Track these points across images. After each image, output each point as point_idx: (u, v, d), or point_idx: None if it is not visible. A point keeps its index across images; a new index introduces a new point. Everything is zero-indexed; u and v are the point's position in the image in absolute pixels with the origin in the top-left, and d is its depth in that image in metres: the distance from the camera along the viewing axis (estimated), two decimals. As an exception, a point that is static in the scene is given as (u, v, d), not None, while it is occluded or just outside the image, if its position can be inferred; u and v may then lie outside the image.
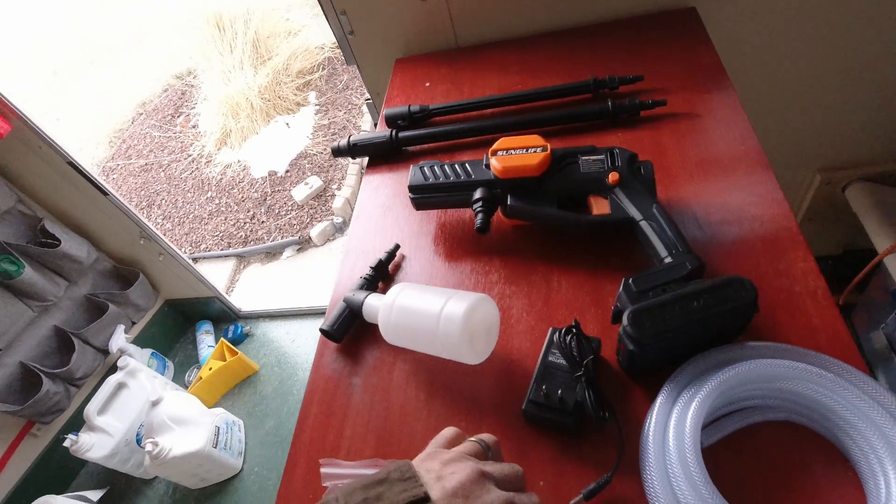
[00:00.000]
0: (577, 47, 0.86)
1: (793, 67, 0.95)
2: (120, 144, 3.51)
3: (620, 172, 0.56)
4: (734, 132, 0.66)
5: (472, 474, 0.32)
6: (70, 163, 1.42)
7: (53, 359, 1.54)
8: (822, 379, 0.40)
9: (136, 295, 1.74)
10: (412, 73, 0.93)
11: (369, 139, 0.78)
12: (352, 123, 2.95)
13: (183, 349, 2.01)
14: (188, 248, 2.66)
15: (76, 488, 1.65)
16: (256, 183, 2.83)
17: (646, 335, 0.43)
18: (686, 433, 0.41)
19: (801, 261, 0.53)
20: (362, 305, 0.57)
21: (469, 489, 0.31)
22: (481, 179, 0.60)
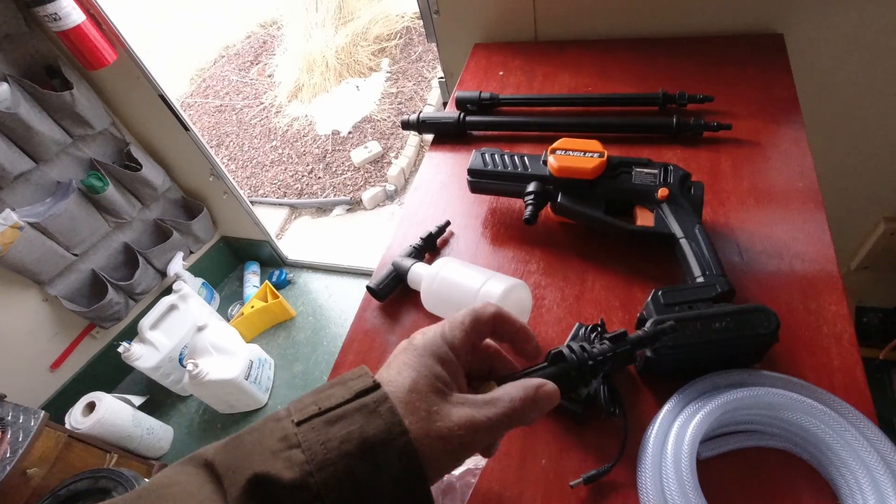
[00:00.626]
0: (654, 58, 0.86)
1: (873, 109, 0.92)
2: (200, 83, 3.69)
3: (671, 189, 0.58)
4: (794, 167, 0.66)
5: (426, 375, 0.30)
6: (161, 96, 1.53)
7: (120, 272, 1.70)
8: (824, 416, 0.43)
9: (198, 227, 1.87)
10: (488, 60, 0.96)
11: (438, 118, 0.82)
12: (419, 96, 3.00)
13: (230, 284, 2.16)
14: (247, 191, 2.81)
15: (121, 391, 1.83)
16: (319, 139, 2.94)
17: (665, 344, 0.46)
18: (686, 440, 0.44)
19: (834, 304, 0.54)
20: (408, 272, 0.62)
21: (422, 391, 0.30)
22: (537, 174, 0.64)
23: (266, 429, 0.28)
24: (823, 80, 0.90)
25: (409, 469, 0.27)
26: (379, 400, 0.28)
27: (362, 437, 0.27)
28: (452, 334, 0.33)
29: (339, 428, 0.27)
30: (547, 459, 0.49)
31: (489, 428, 0.29)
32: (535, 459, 0.49)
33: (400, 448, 0.27)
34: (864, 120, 0.95)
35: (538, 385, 0.32)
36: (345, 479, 0.26)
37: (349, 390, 0.29)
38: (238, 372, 1.55)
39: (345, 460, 0.26)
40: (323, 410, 0.28)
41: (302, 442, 0.26)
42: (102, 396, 1.49)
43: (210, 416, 1.73)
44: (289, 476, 0.25)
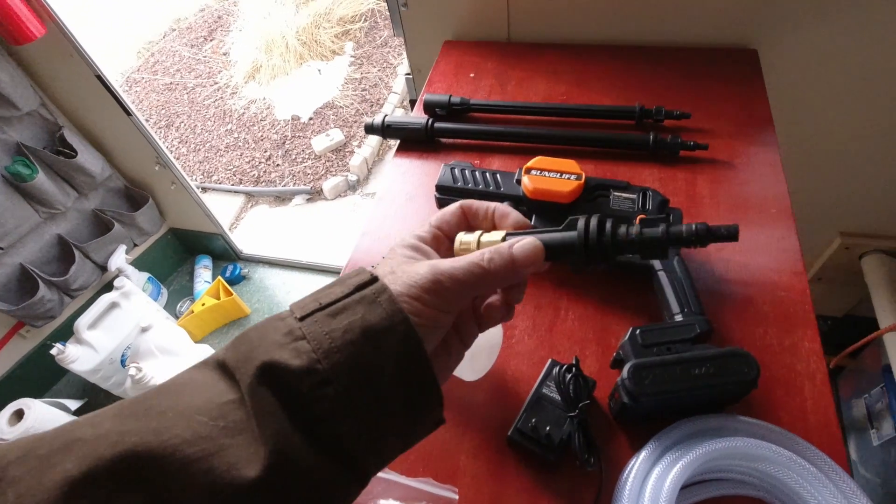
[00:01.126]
0: (632, 67, 0.84)
1: (840, 128, 0.93)
2: (148, 57, 3.45)
3: (649, 216, 0.55)
4: (769, 192, 0.65)
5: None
6: (98, 76, 1.39)
7: (52, 266, 1.56)
8: (802, 469, 0.41)
9: (143, 219, 1.74)
10: (459, 60, 0.91)
11: (404, 123, 0.76)
12: (384, 83, 2.90)
13: (179, 279, 2.03)
14: (200, 176, 2.65)
15: (55, 394, 1.69)
16: (278, 124, 2.80)
17: (643, 392, 0.43)
18: (663, 494, 0.42)
19: (808, 340, 0.53)
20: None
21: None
22: (509, 194, 0.60)
23: (270, 325, 0.28)
24: (792, 96, 0.90)
25: (410, 351, 0.28)
26: (378, 291, 0.29)
27: (364, 326, 0.27)
28: (420, 230, 0.35)
29: (341, 319, 0.28)
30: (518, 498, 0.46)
31: (453, 274, 0.30)
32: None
33: (401, 332, 0.28)
34: (828, 137, 0.96)
35: (511, 243, 0.33)
36: (351, 363, 0.27)
37: (348, 286, 0.29)
38: (186, 375, 1.46)
39: (350, 348, 0.27)
40: (324, 305, 0.28)
41: (307, 334, 0.27)
42: (32, 403, 1.37)
43: (156, 420, 1.63)
44: (297, 363, 0.26)
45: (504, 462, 0.48)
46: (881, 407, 1.16)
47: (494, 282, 0.31)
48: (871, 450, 1.19)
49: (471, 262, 0.31)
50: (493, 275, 0.31)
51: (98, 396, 1.67)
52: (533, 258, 0.32)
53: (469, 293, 0.31)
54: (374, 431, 0.27)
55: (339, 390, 0.26)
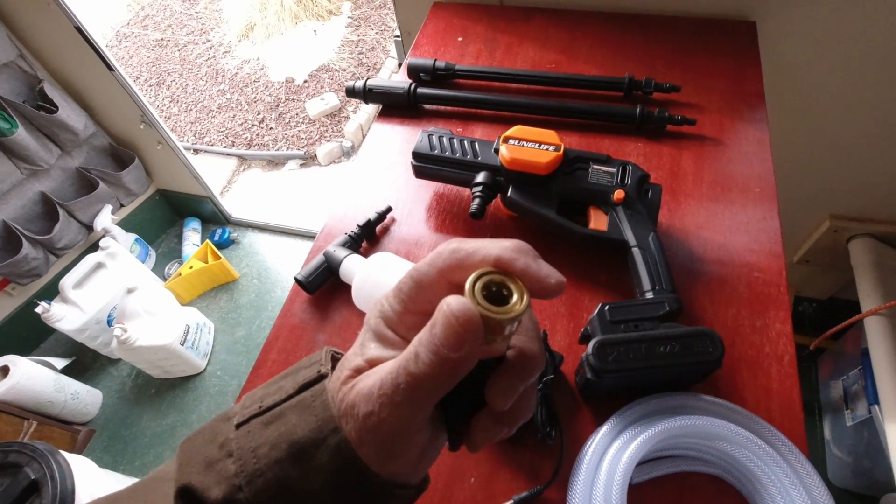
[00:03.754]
0: (625, 36, 0.81)
1: (835, 107, 0.91)
2: (138, 11, 3.33)
3: (627, 192, 0.54)
4: (755, 170, 0.63)
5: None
6: (78, 28, 1.34)
7: (36, 224, 1.54)
8: (758, 449, 0.41)
9: (129, 178, 1.71)
10: (447, 23, 0.87)
11: (386, 87, 0.74)
12: (381, 46, 2.82)
13: (168, 241, 2.02)
14: (191, 137, 2.60)
15: (43, 353, 1.70)
16: (272, 86, 2.73)
17: (606, 368, 0.43)
18: (619, 469, 0.42)
19: (779, 322, 0.52)
20: (340, 265, 0.56)
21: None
22: (487, 163, 0.58)
23: (211, 432, 0.26)
24: (789, 73, 0.87)
25: (345, 470, 0.23)
26: (316, 393, 0.24)
27: (291, 440, 0.23)
28: (390, 305, 0.25)
29: (273, 429, 0.24)
30: (476, 479, 0.47)
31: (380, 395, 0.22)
32: (464, 479, 0.47)
33: (332, 448, 0.23)
34: (822, 118, 0.93)
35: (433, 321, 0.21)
36: (276, 489, 0.23)
37: (296, 382, 0.25)
38: (172, 338, 1.47)
39: (274, 468, 0.23)
40: (263, 409, 0.25)
41: (235, 450, 0.24)
42: (17, 360, 1.37)
43: (143, 381, 1.64)
44: (216, 494, 0.23)
45: (466, 433, 0.48)
46: (857, 388, 1.18)
47: (437, 386, 0.21)
48: (844, 430, 1.21)
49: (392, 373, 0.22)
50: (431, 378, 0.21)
51: (86, 356, 1.68)
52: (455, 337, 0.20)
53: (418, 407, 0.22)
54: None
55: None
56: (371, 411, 0.22)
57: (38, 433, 1.35)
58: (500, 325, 0.21)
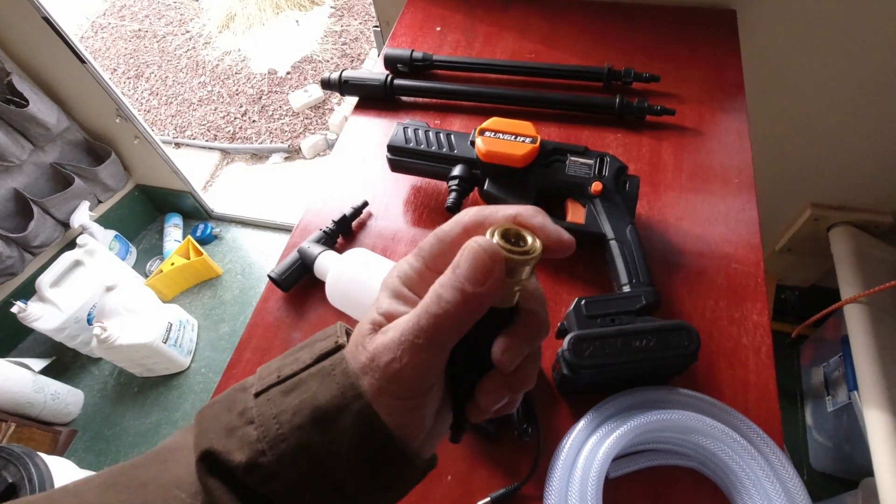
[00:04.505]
0: (605, 25, 0.79)
1: (814, 96, 0.91)
2: (114, 1, 3.25)
3: (605, 184, 0.53)
4: (734, 161, 0.63)
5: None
6: (46, 19, 1.30)
7: (10, 222, 1.50)
8: (733, 442, 0.41)
9: (106, 174, 1.67)
10: (426, 12, 0.86)
11: (362, 79, 0.72)
12: (365, 36, 2.78)
13: (149, 237, 1.98)
14: (173, 131, 2.55)
15: (21, 353, 1.67)
16: (254, 78, 2.69)
17: (582, 364, 0.43)
18: (595, 464, 0.41)
19: (756, 314, 0.52)
20: (314, 262, 0.55)
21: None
22: (463, 156, 0.57)
23: (228, 401, 0.26)
24: (769, 63, 0.87)
25: (368, 434, 0.23)
26: (335, 362, 0.25)
27: (314, 406, 0.24)
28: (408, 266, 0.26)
29: (294, 397, 0.24)
30: (453, 476, 0.46)
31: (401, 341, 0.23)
32: (441, 476, 0.46)
33: (355, 413, 0.23)
34: (802, 107, 0.93)
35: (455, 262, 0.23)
36: (299, 453, 0.23)
37: (312, 353, 0.26)
38: (154, 336, 1.44)
39: (297, 433, 0.23)
40: (282, 378, 0.25)
41: (256, 417, 0.24)
42: (-7, 361, 1.35)
43: (126, 379, 1.62)
44: (239, 458, 0.23)
45: (442, 431, 0.48)
46: (838, 375, 1.19)
47: (458, 325, 0.23)
48: (825, 415, 1.23)
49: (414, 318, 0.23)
50: (453, 317, 0.22)
51: (66, 356, 1.65)
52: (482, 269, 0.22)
53: (439, 349, 0.23)
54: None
55: (286, 484, 0.23)
56: (393, 358, 0.23)
57: (17, 435, 1.32)
58: (518, 267, 0.22)
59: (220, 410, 0.26)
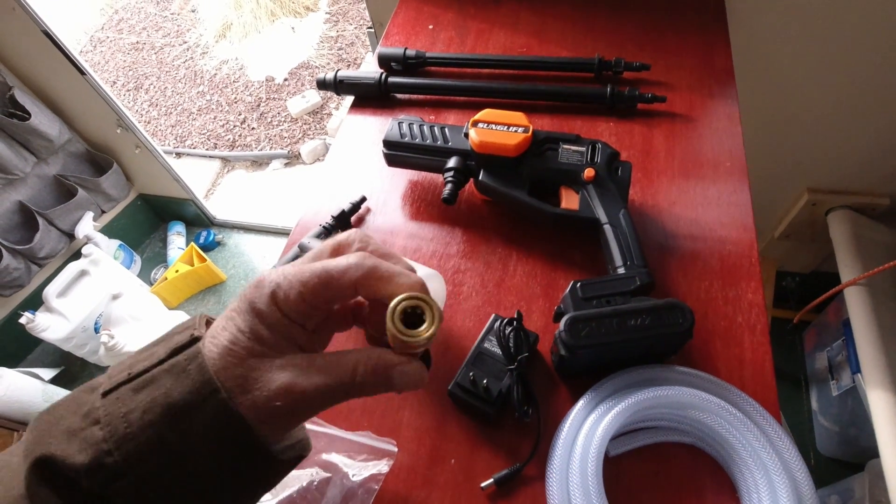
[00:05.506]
0: (594, 17, 0.81)
1: (807, 81, 0.92)
2: (112, 15, 3.28)
3: (597, 170, 0.54)
4: (725, 145, 0.64)
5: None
6: (46, 32, 1.32)
7: (16, 234, 1.52)
8: (729, 416, 0.42)
9: (109, 184, 1.69)
10: (418, 11, 0.87)
11: (357, 78, 0.73)
12: (360, 41, 2.80)
13: (153, 245, 2.00)
14: (173, 141, 2.57)
15: (31, 363, 1.68)
16: (252, 86, 2.71)
17: (578, 344, 0.43)
18: (594, 442, 0.42)
19: (751, 292, 0.53)
20: (314, 256, 0.56)
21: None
22: (458, 148, 0.58)
23: (73, 403, 0.25)
24: (758, 49, 0.88)
25: (228, 431, 0.24)
26: (191, 356, 0.24)
27: (167, 403, 0.23)
28: (286, 293, 0.26)
29: (145, 394, 0.24)
30: (457, 459, 0.47)
31: (315, 397, 0.25)
32: (444, 460, 0.47)
33: (212, 409, 0.23)
34: (795, 92, 0.94)
35: (397, 364, 0.27)
36: (151, 451, 0.23)
37: (167, 347, 0.25)
38: (160, 342, 1.45)
39: (147, 431, 0.23)
40: (133, 376, 0.24)
41: (103, 417, 0.23)
42: (4, 372, 1.36)
43: (134, 387, 1.63)
44: (80, 459, 0.22)
45: (445, 416, 0.49)
46: (841, 359, 1.20)
47: (359, 395, 0.27)
48: (830, 400, 1.24)
49: (338, 382, 0.26)
50: (360, 391, 0.26)
51: (74, 365, 1.67)
52: (418, 384, 0.27)
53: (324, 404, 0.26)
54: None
55: (134, 482, 0.23)
56: (286, 405, 0.24)
57: (28, 444, 1.34)
58: (411, 346, 0.26)
59: (63, 413, 0.25)
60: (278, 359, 0.25)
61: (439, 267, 0.58)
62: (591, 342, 0.44)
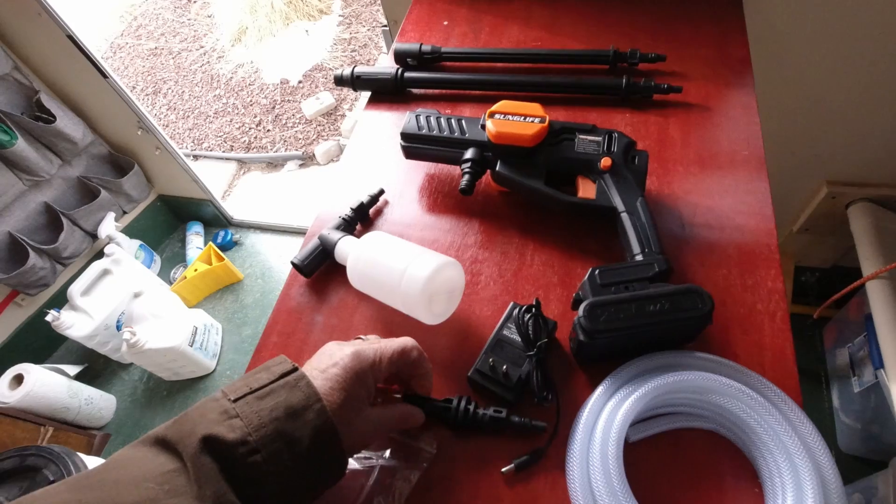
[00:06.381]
0: (608, 9, 0.81)
1: (825, 71, 0.91)
2: (131, 21, 3.35)
3: (614, 159, 0.54)
4: (742, 134, 0.63)
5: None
6: (70, 37, 1.36)
7: (42, 234, 1.56)
8: (750, 400, 0.42)
9: (130, 185, 1.73)
10: (432, 8, 0.88)
11: (374, 73, 0.75)
12: (373, 42, 2.82)
13: (172, 245, 2.04)
14: (190, 143, 2.62)
15: (56, 361, 1.73)
16: (267, 89, 2.75)
17: (597, 329, 0.44)
18: (614, 427, 0.43)
19: (770, 280, 0.53)
20: (335, 247, 0.57)
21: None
22: (475, 139, 0.59)
23: (206, 407, 0.35)
24: (778, 40, 0.87)
25: (324, 425, 0.35)
26: (298, 378, 0.37)
27: (287, 405, 0.35)
28: (380, 367, 0.41)
29: (268, 401, 0.35)
30: (477, 446, 0.47)
31: (386, 426, 0.42)
32: (466, 446, 0.47)
33: (317, 410, 0.36)
34: (813, 84, 0.93)
35: (410, 412, 0.45)
36: (276, 436, 0.34)
37: (273, 374, 0.37)
38: (181, 339, 1.48)
39: (275, 423, 0.34)
40: (254, 389, 0.36)
41: (240, 413, 0.34)
42: (31, 368, 1.40)
43: (155, 384, 1.67)
44: (232, 436, 0.32)
45: (464, 401, 0.49)
46: (863, 354, 1.18)
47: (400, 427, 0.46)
48: (852, 396, 1.22)
49: (395, 419, 0.43)
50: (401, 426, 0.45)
51: (98, 362, 1.71)
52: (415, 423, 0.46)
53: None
54: (290, 490, 0.34)
55: (265, 456, 0.33)
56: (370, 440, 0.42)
57: (54, 438, 1.37)
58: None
59: (203, 413, 0.34)
60: (367, 408, 0.40)
61: (457, 257, 0.59)
62: (610, 327, 0.44)
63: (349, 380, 0.38)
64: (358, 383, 0.39)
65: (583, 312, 0.45)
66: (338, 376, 0.38)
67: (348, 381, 0.38)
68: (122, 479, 0.30)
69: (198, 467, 0.31)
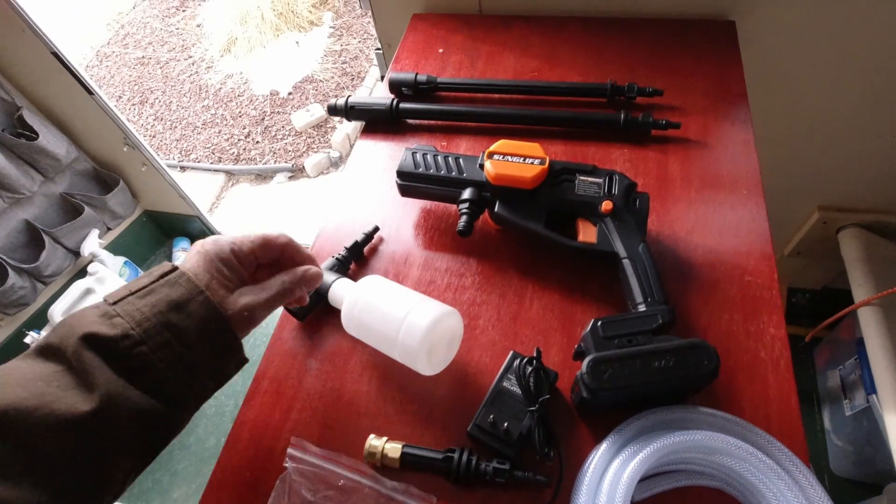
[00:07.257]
0: (605, 40, 0.80)
1: (817, 100, 0.91)
2: (118, 30, 3.31)
3: (615, 202, 0.53)
4: (741, 172, 0.63)
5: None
6: (54, 53, 1.32)
7: (22, 253, 1.52)
8: (758, 462, 0.41)
9: (115, 202, 1.69)
10: (427, 34, 0.87)
11: (368, 104, 0.73)
12: (364, 55, 2.81)
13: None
14: (177, 154, 2.58)
15: (36, 380, 1.67)
16: (256, 100, 2.72)
17: (601, 386, 0.43)
18: (620, 488, 0.41)
19: (773, 326, 0.52)
20: (329, 289, 0.55)
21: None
22: (473, 179, 0.57)
23: (85, 312, 0.35)
24: (771, 69, 0.87)
25: (211, 314, 0.37)
26: (178, 276, 0.38)
27: (169, 299, 0.36)
28: (240, 246, 0.42)
29: (149, 298, 0.36)
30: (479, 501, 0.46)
31: (265, 306, 0.42)
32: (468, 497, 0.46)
33: (200, 302, 0.37)
34: (806, 110, 0.94)
35: (304, 270, 0.45)
36: (161, 328, 0.35)
37: (152, 276, 0.38)
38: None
39: (158, 316, 0.35)
40: (133, 291, 0.37)
41: (120, 312, 0.35)
42: (9, 392, 1.35)
43: (139, 405, 1.62)
44: (112, 332, 0.34)
45: (464, 457, 0.48)
46: (854, 378, 1.18)
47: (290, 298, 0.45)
48: (844, 419, 1.22)
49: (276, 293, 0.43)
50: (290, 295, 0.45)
51: (79, 382, 1.65)
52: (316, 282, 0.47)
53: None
54: (187, 376, 0.36)
55: (153, 347, 0.34)
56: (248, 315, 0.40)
57: (33, 466, 1.32)
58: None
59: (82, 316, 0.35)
60: (236, 289, 0.41)
61: (454, 300, 0.57)
62: (614, 384, 0.43)
63: (210, 261, 0.40)
64: (219, 263, 0.40)
65: (586, 369, 0.43)
66: (198, 261, 0.40)
67: (208, 262, 0.40)
68: (9, 382, 0.31)
69: (81, 362, 0.32)
